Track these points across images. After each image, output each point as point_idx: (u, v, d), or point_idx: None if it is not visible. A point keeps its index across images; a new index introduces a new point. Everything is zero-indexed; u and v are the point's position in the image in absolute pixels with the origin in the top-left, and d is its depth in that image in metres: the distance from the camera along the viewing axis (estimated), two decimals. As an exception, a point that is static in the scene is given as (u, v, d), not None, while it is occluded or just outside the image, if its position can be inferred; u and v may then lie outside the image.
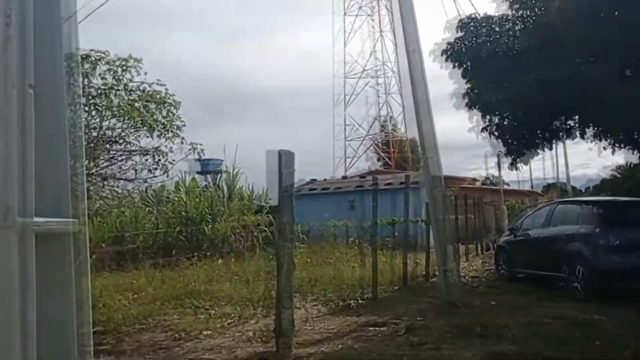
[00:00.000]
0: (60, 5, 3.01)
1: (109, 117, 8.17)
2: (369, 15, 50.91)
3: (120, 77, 8.22)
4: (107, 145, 8.49)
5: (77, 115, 3.21)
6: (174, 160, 9.45)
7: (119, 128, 8.54)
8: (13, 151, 2.78)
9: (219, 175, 26.22)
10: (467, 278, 11.84)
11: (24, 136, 2.81)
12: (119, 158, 8.77)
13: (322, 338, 6.43)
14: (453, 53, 12.70)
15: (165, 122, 8.88)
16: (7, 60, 2.81)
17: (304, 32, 79.43)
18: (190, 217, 18.19)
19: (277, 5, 79.79)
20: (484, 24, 12.70)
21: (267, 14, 79.60)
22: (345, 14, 50.54)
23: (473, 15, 12.98)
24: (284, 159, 6.04)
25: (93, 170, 7.89)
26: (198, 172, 25.55)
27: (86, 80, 7.51)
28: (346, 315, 7.65)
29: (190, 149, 9.41)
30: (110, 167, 8.82)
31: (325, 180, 28.28)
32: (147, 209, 18.01)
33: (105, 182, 8.67)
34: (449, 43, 12.85)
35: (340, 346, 6.07)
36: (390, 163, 47.42)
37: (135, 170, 9.05)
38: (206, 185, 25.19)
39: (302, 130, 57.47)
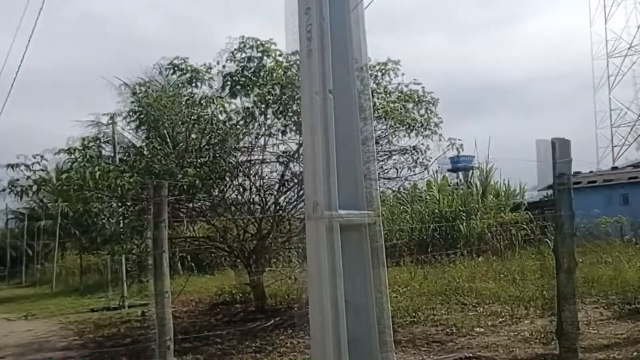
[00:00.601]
0: (350, 20, 3.30)
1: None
2: (635, -18, 44.44)
3: (380, 80, 8.62)
4: (370, 146, 8.98)
5: (367, 118, 3.46)
6: (431, 158, 9.51)
7: (379, 130, 8.95)
8: (319, 152, 3.13)
9: (471, 171, 25.84)
10: None
11: (326, 138, 3.15)
12: (381, 158, 9.18)
13: (610, 343, 5.81)
14: None
15: (423, 121, 9.01)
16: (310, 69, 3.19)
17: (547, 16, 73.11)
18: (444, 215, 18.28)
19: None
20: None
21: (504, 3, 75.55)
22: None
23: None
24: (558, 148, 5.64)
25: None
26: (449, 170, 25.55)
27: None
28: (636, 320, 6.78)
29: (448, 145, 9.35)
30: (373, 167, 9.31)
31: (591, 172, 25.50)
32: (401, 207, 18.67)
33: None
34: None
35: (634, 354, 5.40)
36: (672, 149, 40.55)
37: (396, 169, 9.35)
38: (457, 182, 25.08)
39: (553, 118, 52.79)
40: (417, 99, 8.94)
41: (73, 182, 7.76)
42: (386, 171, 9.49)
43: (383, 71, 8.61)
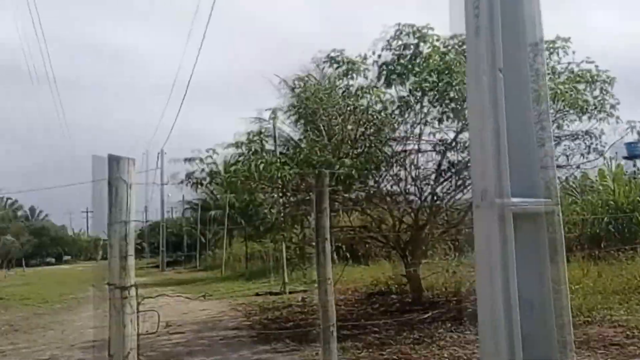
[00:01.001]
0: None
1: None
2: None
3: (548, 60, 7.97)
4: (540, 132, 8.37)
5: (543, 98, 3.18)
6: (606, 144, 8.61)
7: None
8: (487, 136, 2.94)
9: (651, 158, 23.08)
10: None
11: (496, 120, 2.95)
12: (549, 144, 8.49)
13: None
14: None
15: (597, 103, 8.17)
16: (478, 48, 3.00)
17: None
18: (620, 206, 16.57)
19: None
20: None
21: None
22: None
23: None
24: None
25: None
26: (625, 157, 23.02)
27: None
28: None
29: (627, 129, 8.41)
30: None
31: None
32: (570, 198, 17.22)
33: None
34: None
35: None
36: None
37: (567, 156, 8.60)
38: (635, 171, 22.57)
39: None
40: (590, 79, 8.15)
41: (240, 174, 8.31)
42: (555, 158, 8.80)
43: (551, 50, 7.97)
